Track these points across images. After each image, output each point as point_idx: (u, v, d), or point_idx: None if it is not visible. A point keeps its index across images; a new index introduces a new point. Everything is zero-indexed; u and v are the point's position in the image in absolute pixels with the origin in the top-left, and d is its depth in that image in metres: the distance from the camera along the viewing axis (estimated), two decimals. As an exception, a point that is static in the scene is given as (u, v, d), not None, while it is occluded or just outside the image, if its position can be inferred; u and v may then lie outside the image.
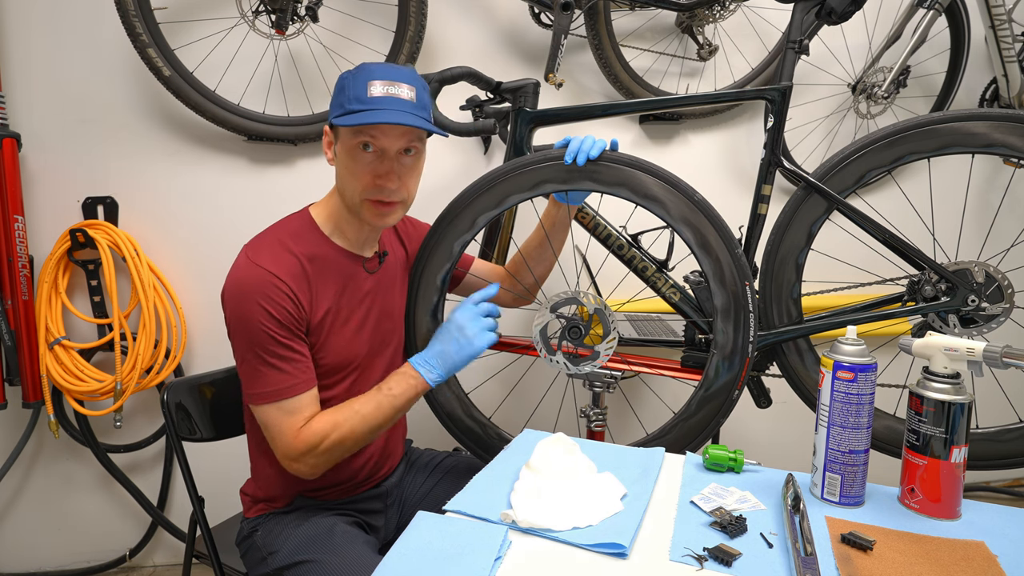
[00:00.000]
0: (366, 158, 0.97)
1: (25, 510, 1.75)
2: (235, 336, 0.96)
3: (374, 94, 0.95)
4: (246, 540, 1.07)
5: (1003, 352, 0.75)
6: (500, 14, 1.75)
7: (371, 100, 0.95)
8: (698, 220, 1.09)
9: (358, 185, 0.98)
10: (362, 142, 0.96)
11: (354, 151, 0.97)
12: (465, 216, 1.18)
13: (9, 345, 1.58)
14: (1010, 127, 1.01)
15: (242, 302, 0.94)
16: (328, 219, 1.05)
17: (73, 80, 1.63)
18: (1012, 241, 1.52)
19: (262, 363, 0.94)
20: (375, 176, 0.98)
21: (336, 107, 0.98)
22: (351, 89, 0.96)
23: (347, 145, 0.98)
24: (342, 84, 0.98)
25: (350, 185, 0.99)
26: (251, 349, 0.94)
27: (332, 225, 1.05)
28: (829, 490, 0.80)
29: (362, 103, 0.95)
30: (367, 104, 0.95)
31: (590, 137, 1.13)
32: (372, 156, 0.97)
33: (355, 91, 0.96)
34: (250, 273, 0.94)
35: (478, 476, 0.88)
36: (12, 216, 1.56)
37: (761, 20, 1.80)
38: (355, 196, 1.00)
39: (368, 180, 0.98)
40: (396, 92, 0.96)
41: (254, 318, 0.93)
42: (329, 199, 1.07)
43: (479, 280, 1.28)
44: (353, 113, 0.94)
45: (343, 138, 0.98)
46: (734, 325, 1.09)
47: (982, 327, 1.08)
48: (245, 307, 0.93)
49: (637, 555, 0.69)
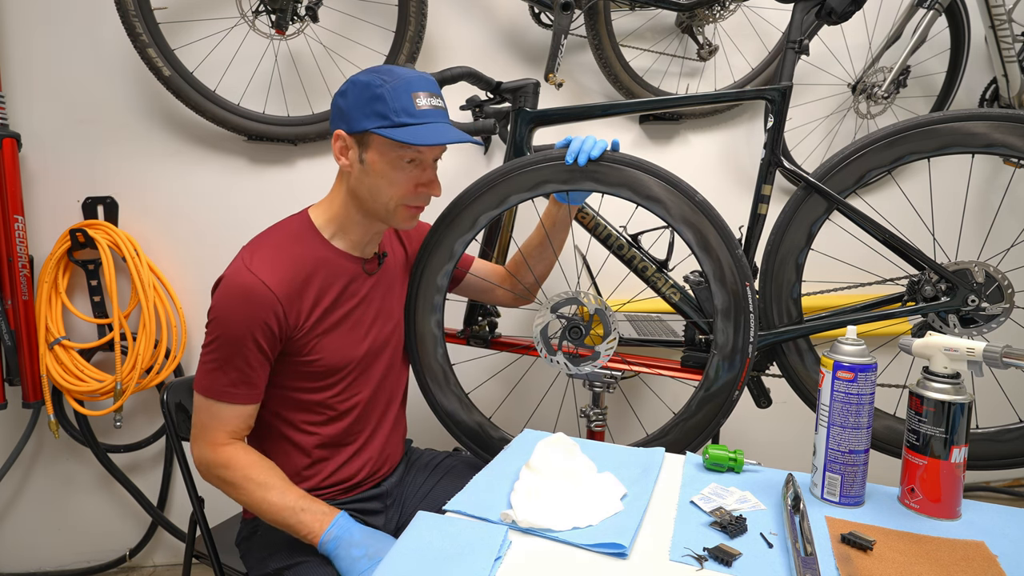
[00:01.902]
0: (407, 167, 0.99)
1: (25, 510, 1.75)
2: (211, 327, 0.96)
3: (421, 106, 0.95)
4: (246, 541, 1.07)
5: (1003, 352, 0.75)
6: (500, 14, 1.75)
7: (420, 113, 0.95)
8: (699, 221, 1.09)
9: (397, 193, 0.99)
10: (409, 156, 0.97)
11: (397, 162, 0.97)
12: (466, 216, 1.18)
13: (9, 345, 1.58)
14: (1010, 127, 1.01)
15: (227, 305, 0.94)
16: (329, 222, 1.05)
17: (73, 80, 1.63)
18: (1012, 241, 1.52)
19: (222, 362, 0.95)
20: (417, 184, 1.00)
21: (375, 116, 0.94)
22: (394, 100, 0.94)
23: (388, 156, 0.97)
24: (378, 92, 0.94)
25: (386, 192, 0.99)
26: (219, 347, 0.95)
27: (334, 228, 1.05)
28: (829, 490, 0.80)
29: (411, 116, 0.94)
30: (418, 117, 0.94)
31: (591, 137, 1.13)
32: (413, 165, 0.99)
33: (400, 102, 0.94)
34: (242, 280, 0.94)
35: (478, 476, 0.88)
36: (12, 216, 1.56)
37: (761, 20, 1.80)
38: (390, 202, 1.00)
39: (410, 188, 1.00)
40: (437, 103, 0.98)
41: (233, 323, 0.93)
42: (331, 202, 1.06)
43: (479, 280, 1.28)
44: (406, 127, 0.94)
45: (381, 148, 0.97)
46: (734, 325, 1.09)
47: (982, 327, 1.08)
48: (228, 311, 0.94)
49: (637, 555, 0.69)
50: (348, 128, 0.97)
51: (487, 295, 1.32)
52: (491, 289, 1.31)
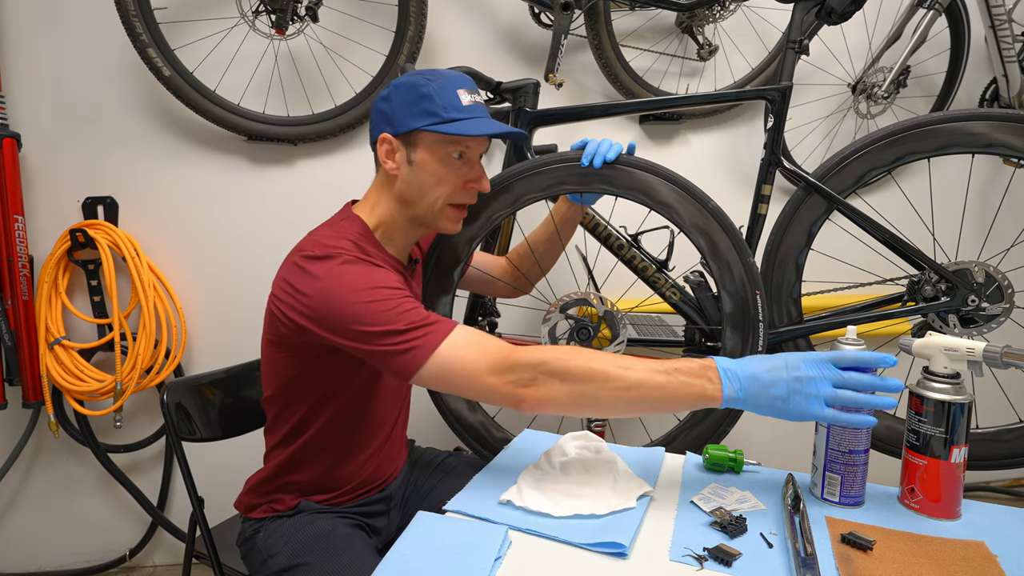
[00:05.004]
0: (456, 164, 0.99)
1: (25, 510, 1.75)
2: (345, 322, 0.86)
3: (466, 102, 0.96)
4: (247, 542, 1.07)
5: (1003, 352, 0.75)
6: (500, 14, 1.75)
7: (467, 108, 0.96)
8: (710, 227, 1.08)
9: (446, 191, 0.99)
10: (458, 151, 0.98)
11: (447, 159, 0.98)
12: (481, 215, 1.18)
13: (9, 345, 1.58)
14: (1010, 127, 1.01)
15: (352, 285, 0.87)
16: (379, 226, 1.03)
17: (73, 80, 1.63)
18: (1012, 241, 1.52)
19: (406, 308, 0.86)
20: (466, 181, 1.01)
21: (423, 115, 0.95)
22: (441, 98, 0.95)
23: (438, 153, 0.97)
24: (424, 92, 0.95)
25: (434, 191, 0.99)
26: (392, 317, 0.85)
27: (382, 232, 1.03)
28: (829, 490, 0.80)
29: (459, 111, 0.95)
30: (465, 112, 0.96)
31: (607, 140, 1.13)
32: (461, 162, 1.00)
33: (447, 99, 0.95)
34: (351, 268, 0.89)
35: (478, 476, 0.88)
36: (12, 216, 1.56)
37: (761, 20, 1.80)
38: (438, 202, 0.99)
39: (459, 184, 1.00)
40: (478, 99, 1.00)
41: (376, 292, 0.86)
42: (376, 206, 1.03)
43: (481, 273, 1.29)
44: (456, 121, 0.95)
45: (431, 145, 0.97)
46: (743, 334, 1.08)
47: (982, 327, 1.08)
48: (360, 285, 0.87)
49: (637, 555, 0.69)
50: (394, 130, 0.97)
51: (487, 287, 1.33)
52: (492, 281, 1.32)
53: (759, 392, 0.76)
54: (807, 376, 0.75)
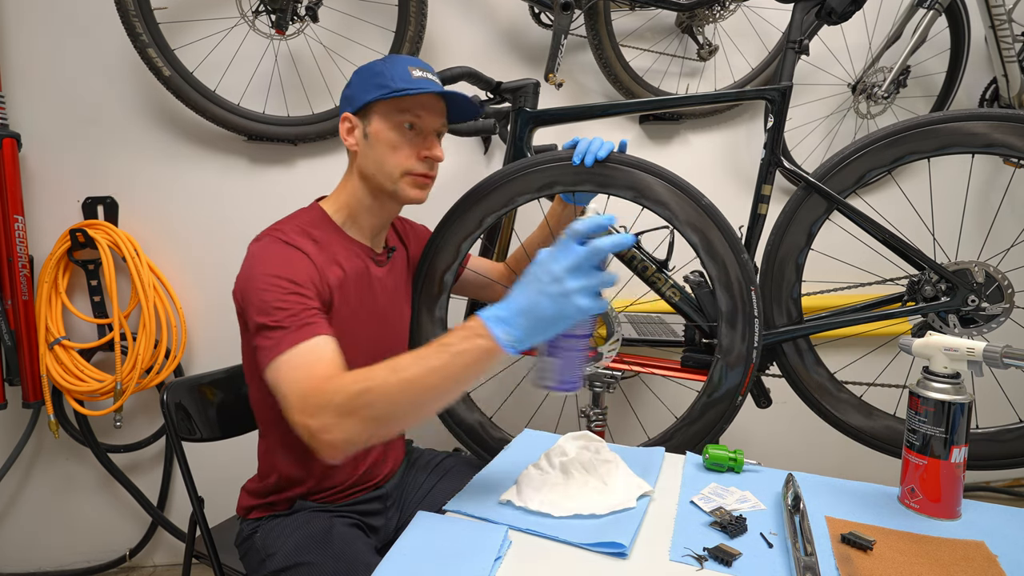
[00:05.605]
0: (409, 135, 1.02)
1: (25, 510, 1.75)
2: (249, 307, 0.89)
3: (416, 76, 1.01)
4: (246, 542, 1.07)
5: (1003, 352, 0.75)
6: (500, 14, 1.75)
7: (416, 81, 1.00)
8: (704, 224, 1.08)
9: (400, 159, 1.02)
10: (408, 120, 1.01)
11: (398, 127, 1.01)
12: (472, 215, 1.18)
13: (9, 345, 1.58)
14: (1010, 127, 1.01)
15: (261, 268, 0.90)
16: (340, 210, 1.06)
17: (73, 80, 1.63)
18: (1012, 241, 1.52)
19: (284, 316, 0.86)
20: (420, 149, 1.03)
21: (375, 88, 1.00)
22: (391, 72, 1.00)
23: (390, 123, 1.01)
24: (377, 69, 1.01)
25: (390, 161, 1.01)
26: (269, 310, 0.86)
27: (345, 215, 1.06)
28: (546, 375, 0.77)
29: (408, 83, 0.99)
30: (413, 84, 1.00)
31: (598, 139, 1.13)
32: (414, 134, 1.02)
33: (397, 72, 1.00)
34: (278, 248, 0.94)
35: (478, 476, 0.88)
36: (12, 216, 1.56)
37: (761, 20, 1.80)
38: (395, 171, 1.02)
39: (413, 153, 1.03)
40: (431, 77, 1.04)
41: (273, 280, 0.88)
42: (341, 190, 1.07)
43: (479, 276, 1.28)
44: (402, 90, 0.98)
45: (383, 117, 1.01)
46: (739, 330, 1.08)
47: (982, 327, 1.08)
48: (264, 270, 0.90)
49: (637, 555, 0.69)
50: (352, 108, 1.02)
51: (485, 291, 1.32)
52: (490, 285, 1.31)
53: (536, 316, 0.73)
54: (560, 272, 0.72)
